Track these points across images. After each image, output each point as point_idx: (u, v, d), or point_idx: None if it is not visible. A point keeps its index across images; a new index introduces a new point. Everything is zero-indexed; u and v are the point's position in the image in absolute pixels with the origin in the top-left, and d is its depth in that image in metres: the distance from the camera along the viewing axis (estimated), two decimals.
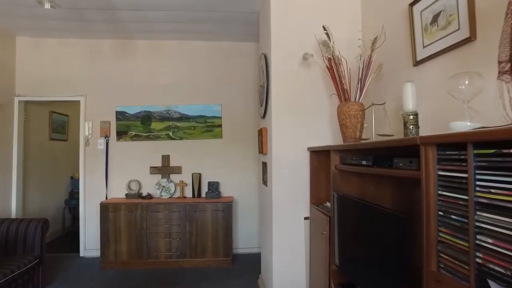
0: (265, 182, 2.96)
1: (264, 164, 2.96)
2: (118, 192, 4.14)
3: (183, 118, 4.25)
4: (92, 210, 4.07)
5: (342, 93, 2.32)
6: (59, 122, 5.26)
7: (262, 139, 2.89)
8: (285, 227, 2.65)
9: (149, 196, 4.02)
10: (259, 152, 3.14)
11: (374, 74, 2.20)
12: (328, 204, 2.36)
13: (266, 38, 2.89)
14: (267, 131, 2.85)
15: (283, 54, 2.69)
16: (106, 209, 3.73)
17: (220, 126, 4.26)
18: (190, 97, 4.27)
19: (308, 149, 2.58)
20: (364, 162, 1.68)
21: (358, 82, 2.27)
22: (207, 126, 4.26)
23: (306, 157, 2.66)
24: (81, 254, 4.09)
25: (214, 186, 4.15)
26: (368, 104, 2.27)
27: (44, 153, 4.83)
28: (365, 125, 2.30)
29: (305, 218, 2.66)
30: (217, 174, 4.26)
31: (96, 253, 3.90)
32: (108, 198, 4.11)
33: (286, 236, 2.64)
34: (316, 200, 2.55)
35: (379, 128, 2.07)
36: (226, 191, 4.26)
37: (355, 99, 2.28)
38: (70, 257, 4.06)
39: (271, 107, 2.67)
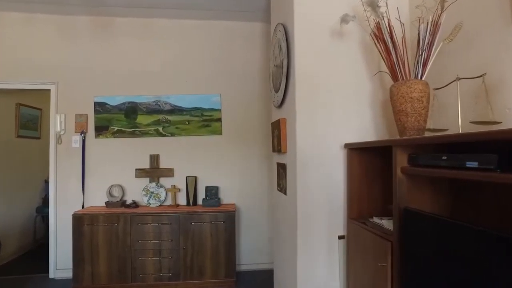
0: (282, 189, 2.32)
1: (282, 166, 2.31)
2: (96, 199, 3.44)
3: (175, 110, 3.58)
4: (65, 221, 3.35)
5: (399, 69, 1.69)
6: (29, 116, 4.51)
7: (279, 133, 2.24)
8: (314, 248, 2.00)
9: (135, 205, 3.33)
10: (274, 151, 2.50)
11: (446, 40, 1.57)
12: (376, 220, 1.73)
13: (285, 2, 2.24)
14: (287, 123, 2.21)
15: (309, 22, 2.04)
16: (81, 221, 3.03)
17: (219, 120, 3.60)
18: (184, 85, 3.60)
19: (346, 146, 1.95)
20: (472, 164, 1.05)
21: (420, 53, 1.64)
22: (204, 120, 3.60)
23: (340, 157, 2.02)
24: (51, 275, 3.37)
25: (212, 192, 3.49)
26: (436, 83, 1.65)
27: (10, 152, 4.08)
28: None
29: (340, 237, 2.03)
30: (216, 177, 3.60)
31: (70, 273, 3.18)
32: (85, 207, 3.40)
33: (315, 259, 2.00)
34: (356, 214, 1.91)
35: (442, 115, 1.45)
36: (226, 197, 3.60)
37: (416, 76, 1.65)
38: (38, 279, 3.33)
39: (295, 92, 2.02)
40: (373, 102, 2.08)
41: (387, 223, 1.63)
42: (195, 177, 3.50)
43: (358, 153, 1.92)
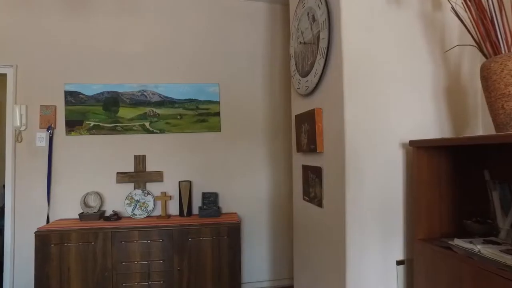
0: (314, 199, 1.82)
1: (314, 171, 1.82)
2: (67, 210, 2.80)
3: (165, 102, 3.00)
4: (25, 239, 2.69)
5: (505, 37, 1.24)
6: None
7: (313, 128, 1.75)
8: (366, 276, 1.53)
9: (116, 217, 2.72)
10: (300, 150, 1.99)
11: None
12: (463, 243, 1.27)
13: None
14: (323, 115, 1.72)
15: None
16: (46, 240, 2.39)
17: (217, 114, 3.06)
18: (175, 72, 3.02)
19: (411, 143, 1.48)
20: None
21: None
22: (200, 115, 3.04)
23: (398, 158, 1.57)
24: None
25: (210, 199, 2.95)
26: None
27: None
28: None
29: (398, 263, 1.57)
30: (214, 182, 3.05)
31: None
32: (52, 220, 2.75)
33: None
34: (426, 234, 1.45)
35: None
36: (226, 205, 3.06)
37: None
38: None
39: (342, 76, 1.53)
40: (435, 88, 1.64)
41: (487, 250, 1.18)
42: (190, 182, 2.94)
43: (427, 153, 1.46)
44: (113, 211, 2.80)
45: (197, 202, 2.98)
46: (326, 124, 1.70)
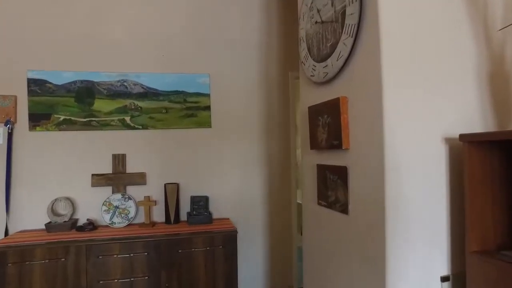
0: (334, 204, 1.55)
1: (336, 171, 1.55)
2: (31, 220, 2.38)
3: (149, 94, 2.64)
4: None
5: None
6: None
7: (337, 121, 1.48)
8: None
9: (92, 226, 2.33)
10: (315, 147, 1.71)
11: None
12: None
13: None
14: (348, 106, 1.46)
15: None
16: (1, 259, 1.96)
17: (208, 108, 2.74)
18: (160, 61, 2.67)
19: (461, 138, 1.24)
20: None
21: None
22: (188, 108, 2.71)
23: (441, 156, 1.33)
24: None
25: (200, 204, 2.62)
26: None
27: None
28: None
29: (443, 279, 1.33)
30: (205, 184, 2.73)
31: None
32: (10, 233, 2.31)
33: None
34: (480, 244, 1.22)
35: None
36: (218, 210, 2.75)
37: None
38: None
39: (379, 59, 1.27)
40: (479, 75, 1.42)
41: None
42: (177, 185, 2.59)
43: (479, 149, 1.23)
44: (87, 219, 2.40)
45: (185, 207, 2.64)
46: (353, 115, 1.44)
